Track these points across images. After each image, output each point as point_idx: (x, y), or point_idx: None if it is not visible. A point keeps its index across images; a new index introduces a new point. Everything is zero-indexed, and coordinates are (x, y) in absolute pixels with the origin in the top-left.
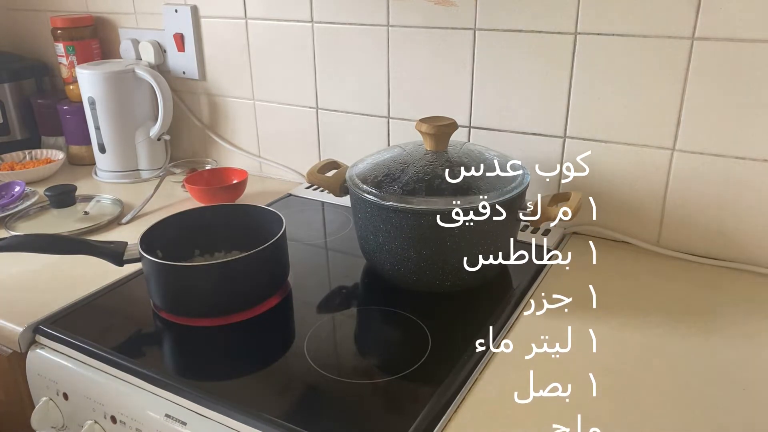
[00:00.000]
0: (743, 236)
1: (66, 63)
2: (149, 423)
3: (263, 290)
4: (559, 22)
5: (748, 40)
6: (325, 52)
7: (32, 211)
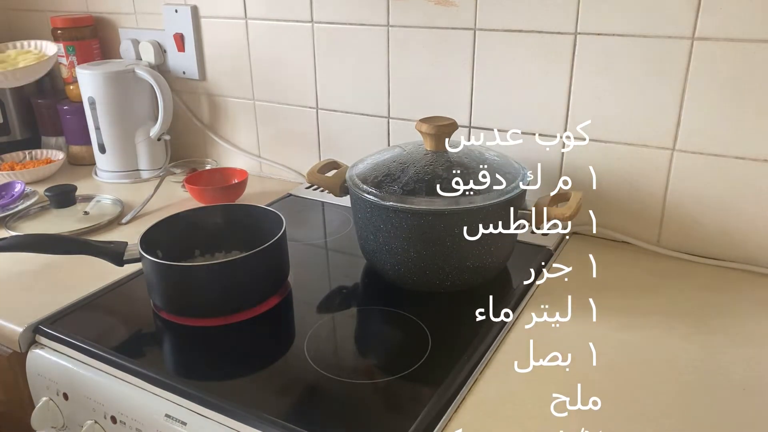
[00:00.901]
0: (743, 236)
1: (66, 63)
2: (149, 423)
3: (263, 290)
4: (559, 22)
5: (748, 40)
6: (325, 52)
7: (32, 211)
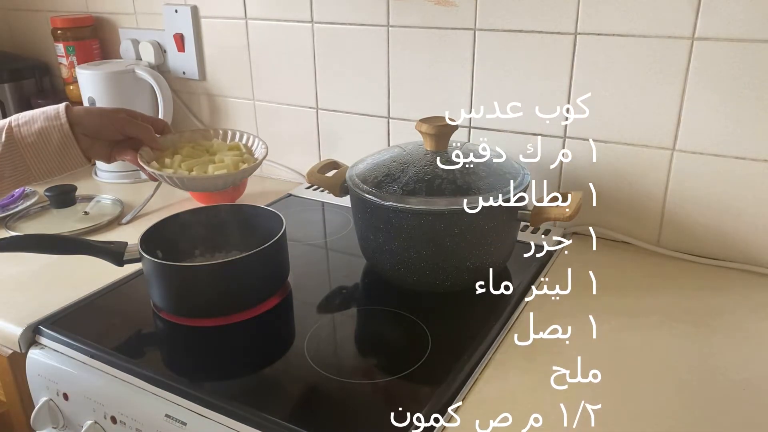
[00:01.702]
0: (743, 236)
1: (66, 63)
2: (149, 423)
3: (263, 290)
4: (560, 23)
5: (748, 40)
6: (325, 52)
7: (32, 211)
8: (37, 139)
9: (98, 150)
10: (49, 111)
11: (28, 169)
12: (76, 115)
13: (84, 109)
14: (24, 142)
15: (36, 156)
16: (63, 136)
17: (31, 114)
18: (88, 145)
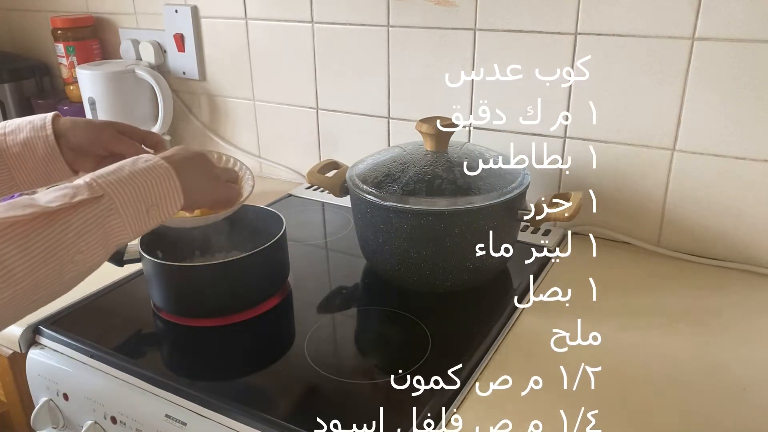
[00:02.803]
0: (743, 236)
1: (66, 63)
2: (149, 423)
3: (263, 290)
4: (560, 23)
5: (748, 40)
6: (325, 52)
7: None
8: (21, 150)
9: (84, 164)
10: (36, 121)
11: (13, 179)
12: (62, 127)
13: (71, 120)
14: (9, 152)
15: (20, 166)
16: (48, 148)
17: (18, 123)
18: (73, 158)
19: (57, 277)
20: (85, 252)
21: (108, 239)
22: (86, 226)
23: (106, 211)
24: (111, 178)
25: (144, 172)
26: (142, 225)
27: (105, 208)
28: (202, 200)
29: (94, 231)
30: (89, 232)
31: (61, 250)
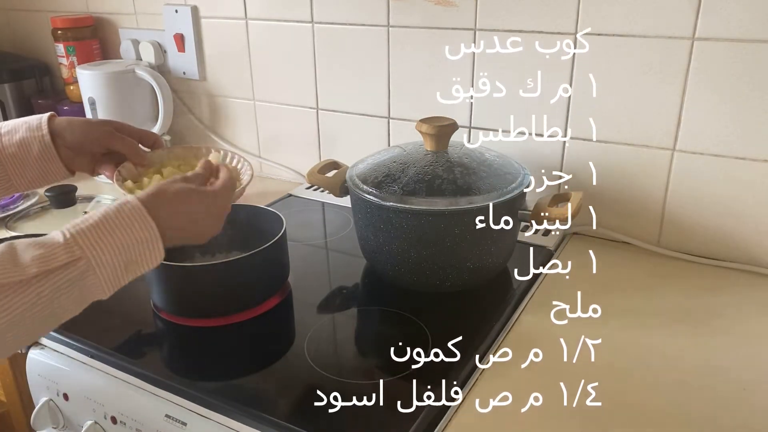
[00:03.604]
0: (743, 236)
1: (66, 63)
2: (149, 423)
3: (263, 290)
4: (560, 23)
5: (748, 40)
6: (325, 52)
7: (32, 211)
8: (17, 150)
9: (81, 163)
10: (32, 121)
11: (10, 179)
12: (59, 127)
13: (67, 120)
14: (5, 153)
15: (17, 167)
16: (43, 148)
17: (14, 123)
18: (69, 157)
19: (28, 336)
20: (59, 312)
21: (84, 297)
22: (62, 289)
23: (82, 274)
24: (90, 235)
25: (125, 227)
26: (119, 281)
27: (82, 271)
28: (187, 241)
29: (71, 292)
30: (65, 294)
31: (36, 311)
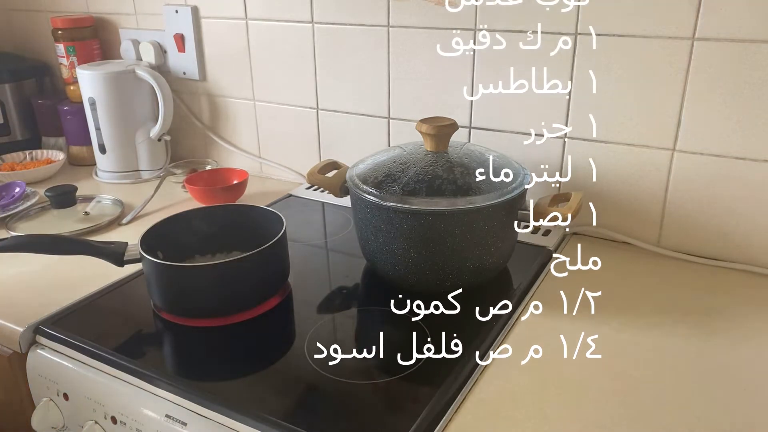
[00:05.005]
0: (743, 236)
1: (66, 63)
2: (149, 423)
3: (264, 291)
4: (559, 23)
5: (748, 40)
6: (326, 52)
7: (33, 211)
8: None
9: None
10: None
11: None
12: None
13: None
14: None
15: None
16: None
17: None
18: None
19: None
20: None
21: None
22: None
23: None
24: None
25: None
26: None
27: None
28: None
29: None
30: None
31: None
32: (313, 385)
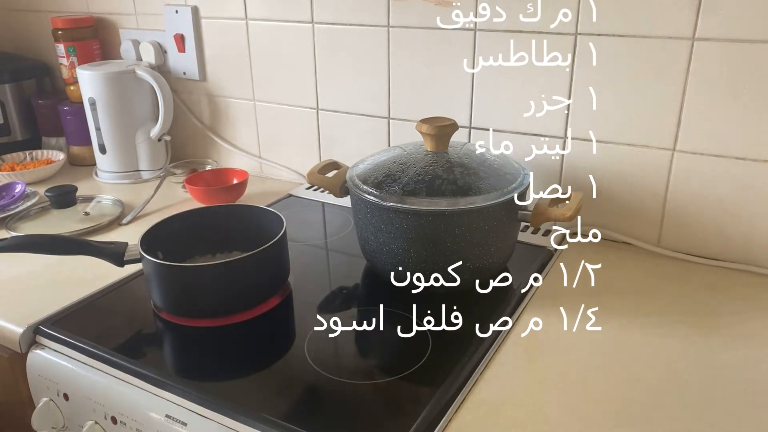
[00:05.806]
0: (743, 236)
1: (67, 64)
2: (150, 423)
3: (264, 291)
4: (560, 23)
5: (748, 41)
6: (325, 52)
7: (33, 211)
8: None
9: None
10: None
11: None
12: None
13: None
14: None
15: None
16: None
17: None
18: None
19: None
20: None
21: None
22: None
23: None
24: None
25: None
26: None
27: None
28: None
29: None
30: None
31: None
32: (313, 385)
